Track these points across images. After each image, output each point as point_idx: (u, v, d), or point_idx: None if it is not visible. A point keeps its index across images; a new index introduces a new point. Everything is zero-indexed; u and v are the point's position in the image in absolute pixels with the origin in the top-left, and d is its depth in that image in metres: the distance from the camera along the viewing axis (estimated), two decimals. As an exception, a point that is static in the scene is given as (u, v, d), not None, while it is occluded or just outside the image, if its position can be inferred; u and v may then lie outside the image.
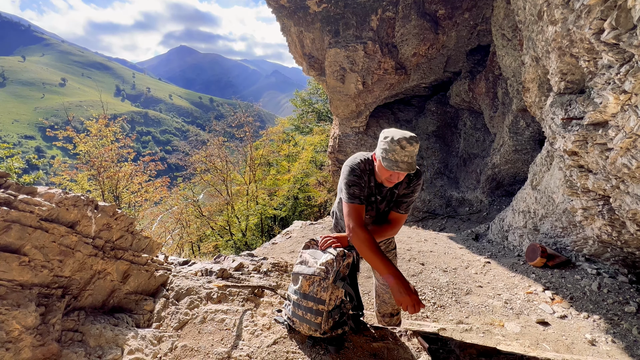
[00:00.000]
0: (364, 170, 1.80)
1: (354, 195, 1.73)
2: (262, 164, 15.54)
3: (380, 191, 1.86)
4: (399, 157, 1.57)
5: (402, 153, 1.56)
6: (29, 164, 11.03)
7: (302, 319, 1.70)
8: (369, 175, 1.81)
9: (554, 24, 2.90)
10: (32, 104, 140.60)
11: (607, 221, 3.17)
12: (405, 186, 1.85)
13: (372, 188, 1.84)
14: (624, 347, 2.64)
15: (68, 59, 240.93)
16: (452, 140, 9.28)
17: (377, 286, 2.31)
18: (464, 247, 5.14)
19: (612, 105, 2.36)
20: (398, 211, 1.88)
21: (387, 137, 1.62)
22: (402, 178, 1.71)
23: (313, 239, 1.83)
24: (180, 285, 2.05)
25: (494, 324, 3.02)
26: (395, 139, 1.57)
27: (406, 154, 1.57)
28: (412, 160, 1.59)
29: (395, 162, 1.58)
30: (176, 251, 10.37)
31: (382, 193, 1.86)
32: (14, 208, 1.31)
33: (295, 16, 8.03)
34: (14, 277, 1.29)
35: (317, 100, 18.98)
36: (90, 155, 10.18)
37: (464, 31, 7.52)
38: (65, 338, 1.44)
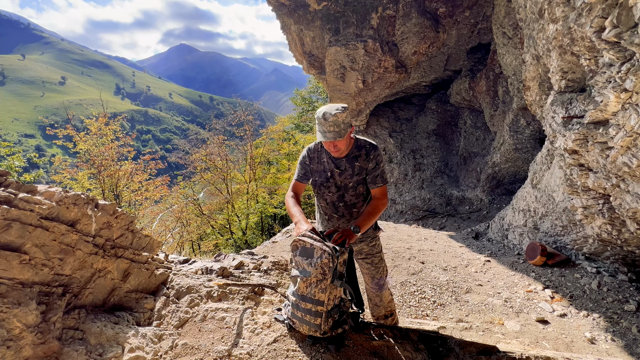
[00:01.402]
0: (313, 149, 2.05)
1: (296, 174, 2.08)
2: (262, 162, 15.53)
3: (337, 165, 1.99)
4: (325, 127, 1.77)
5: (326, 124, 1.76)
6: (29, 163, 11.04)
7: (302, 320, 1.70)
8: (320, 153, 2.03)
9: (555, 22, 2.89)
10: (32, 103, 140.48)
11: (607, 220, 3.17)
12: (364, 158, 1.97)
13: (325, 163, 2.01)
14: (624, 346, 2.65)
15: (68, 57, 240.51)
16: (452, 138, 9.28)
17: (368, 290, 2.32)
18: (464, 246, 5.14)
19: (613, 103, 2.35)
20: (376, 185, 1.99)
21: (317, 114, 1.81)
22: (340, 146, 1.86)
23: (299, 239, 1.77)
24: (181, 284, 2.06)
25: (493, 322, 3.03)
26: (321, 115, 1.77)
27: (330, 123, 1.75)
28: (338, 128, 1.76)
29: (323, 133, 1.78)
30: (176, 250, 10.38)
31: (340, 166, 1.99)
32: (14, 206, 1.31)
33: (296, 14, 8.00)
34: (14, 275, 1.29)
35: (317, 98, 18.95)
36: (91, 153, 10.17)
37: (464, 29, 7.49)
38: (66, 336, 1.45)
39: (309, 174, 2.08)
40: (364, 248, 2.16)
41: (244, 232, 12.47)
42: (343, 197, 2.03)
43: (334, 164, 1.99)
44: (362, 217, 1.86)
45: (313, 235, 1.74)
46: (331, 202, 2.06)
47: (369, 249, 2.17)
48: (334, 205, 2.06)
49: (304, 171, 2.07)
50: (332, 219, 2.11)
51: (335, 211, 2.08)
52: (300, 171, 2.07)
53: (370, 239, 2.15)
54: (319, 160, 2.03)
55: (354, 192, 2.02)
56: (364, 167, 1.97)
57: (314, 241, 1.70)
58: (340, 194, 2.03)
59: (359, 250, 2.17)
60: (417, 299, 3.42)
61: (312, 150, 2.05)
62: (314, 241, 1.70)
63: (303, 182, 2.09)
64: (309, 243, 1.71)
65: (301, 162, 2.07)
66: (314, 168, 2.05)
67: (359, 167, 1.97)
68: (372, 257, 2.18)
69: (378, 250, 2.20)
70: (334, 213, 2.09)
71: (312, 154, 2.05)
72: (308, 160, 2.06)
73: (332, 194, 2.04)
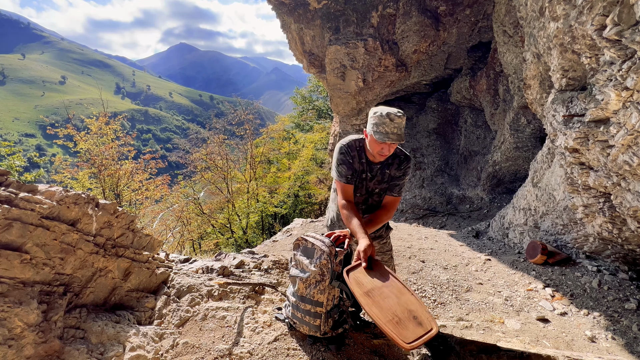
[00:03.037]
0: (353, 147, 1.91)
1: (340, 174, 1.89)
2: (263, 161, 15.53)
3: (370, 169, 1.94)
4: (389, 129, 1.69)
5: (391, 125, 1.68)
6: (30, 162, 11.03)
7: (302, 321, 1.70)
8: (359, 152, 1.92)
9: (555, 20, 2.88)
10: (32, 102, 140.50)
11: (608, 218, 3.16)
12: (396, 167, 1.94)
13: (364, 164, 1.93)
14: (624, 344, 2.65)
15: (68, 57, 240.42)
16: (452, 137, 9.26)
17: None
18: (464, 245, 5.14)
19: (614, 102, 2.35)
20: (391, 194, 1.96)
21: (376, 112, 1.74)
22: (392, 150, 1.80)
23: (302, 237, 1.79)
24: (182, 283, 2.06)
25: (494, 321, 3.03)
26: (385, 113, 1.70)
27: (395, 125, 1.69)
28: (400, 132, 1.71)
29: (386, 134, 1.69)
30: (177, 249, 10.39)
31: (372, 171, 1.94)
32: (15, 206, 1.32)
33: (296, 13, 7.99)
34: (15, 274, 1.29)
35: (317, 97, 18.92)
36: (91, 153, 10.17)
37: (465, 28, 7.47)
38: (67, 335, 1.45)
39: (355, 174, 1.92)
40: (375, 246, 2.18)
41: (244, 231, 12.48)
42: (367, 200, 2.01)
43: (368, 167, 1.93)
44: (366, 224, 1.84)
45: (315, 235, 1.75)
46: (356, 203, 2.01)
47: (379, 247, 2.19)
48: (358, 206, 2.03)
49: (351, 171, 1.89)
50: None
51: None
52: (347, 171, 1.88)
53: (381, 237, 2.17)
54: (359, 160, 1.92)
55: (378, 197, 2.01)
56: (392, 175, 1.94)
57: (315, 241, 1.71)
58: (365, 197, 2.00)
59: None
60: (418, 298, 3.42)
61: (351, 148, 1.90)
62: (315, 241, 1.71)
63: (352, 184, 1.90)
64: (310, 243, 1.72)
65: (345, 161, 1.88)
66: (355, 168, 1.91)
67: (388, 175, 1.94)
68: (382, 255, 2.20)
69: (388, 249, 2.23)
70: None
71: (353, 152, 1.90)
72: (351, 158, 1.90)
73: (360, 196, 1.99)
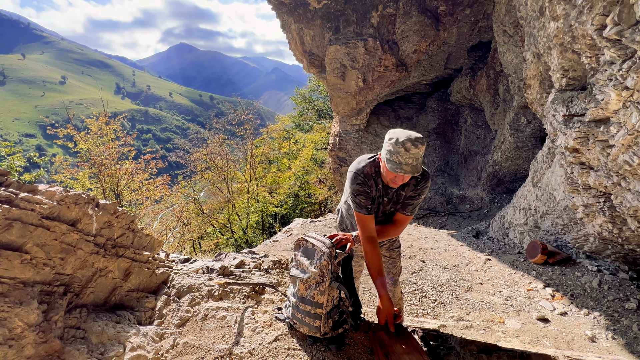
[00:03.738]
0: (369, 175, 1.78)
1: (360, 205, 1.77)
2: (263, 161, 15.54)
3: (387, 192, 1.83)
4: (403, 159, 1.54)
5: (406, 155, 1.53)
6: (30, 162, 11.04)
7: (302, 321, 1.70)
8: (376, 178, 1.79)
9: (555, 20, 2.88)
10: (33, 102, 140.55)
11: (608, 218, 3.16)
12: (412, 188, 1.82)
13: (380, 190, 1.82)
14: (624, 344, 2.65)
15: (68, 57, 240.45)
16: (452, 137, 9.26)
17: None
18: (464, 245, 5.14)
19: (614, 101, 2.35)
20: (404, 213, 1.87)
21: (391, 139, 1.58)
22: (406, 180, 1.69)
23: (303, 237, 1.79)
24: (182, 283, 2.06)
25: (494, 320, 3.03)
26: (400, 141, 1.53)
27: (410, 156, 1.53)
28: (416, 162, 1.56)
29: (399, 165, 1.55)
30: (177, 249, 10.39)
31: (388, 194, 1.84)
32: (15, 206, 1.32)
33: (296, 13, 7.99)
34: (15, 274, 1.29)
35: (317, 97, 18.92)
36: (91, 153, 10.18)
37: (465, 27, 7.47)
38: (68, 335, 1.45)
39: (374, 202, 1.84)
40: (385, 243, 2.18)
41: (244, 231, 12.48)
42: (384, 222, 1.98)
43: (384, 192, 1.84)
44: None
45: (316, 236, 1.75)
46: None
47: (389, 244, 2.20)
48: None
49: (370, 201, 1.80)
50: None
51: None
52: (366, 202, 1.78)
53: None
54: (375, 187, 1.81)
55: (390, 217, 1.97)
56: (406, 195, 1.85)
57: (316, 242, 1.71)
58: (382, 219, 1.96)
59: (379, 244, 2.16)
60: (418, 298, 3.42)
61: (367, 177, 1.78)
62: (316, 242, 1.71)
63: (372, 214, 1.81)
64: (311, 243, 1.72)
65: (362, 192, 1.77)
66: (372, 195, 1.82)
67: (403, 196, 1.86)
68: (391, 251, 2.20)
69: (397, 246, 2.24)
70: None
71: (370, 181, 1.78)
72: (368, 188, 1.79)
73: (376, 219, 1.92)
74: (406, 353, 1.59)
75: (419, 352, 1.63)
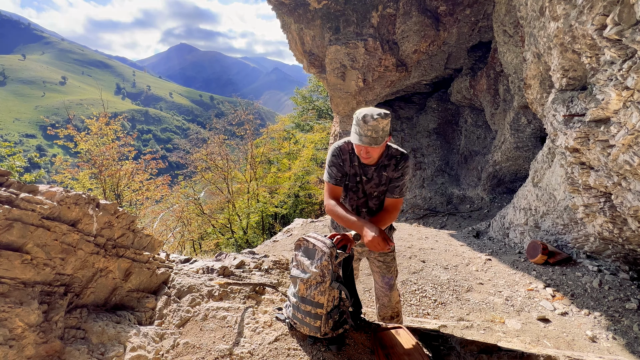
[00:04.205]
0: (344, 150, 1.89)
1: (330, 175, 1.89)
2: (263, 161, 15.53)
3: (365, 171, 1.91)
4: (363, 131, 1.66)
5: (365, 127, 1.65)
6: (30, 163, 11.05)
7: (302, 321, 1.70)
8: (351, 155, 1.90)
9: (556, 19, 2.88)
10: (33, 103, 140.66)
11: (609, 218, 3.16)
12: (393, 168, 1.90)
13: (357, 167, 1.91)
14: (625, 344, 2.65)
15: (68, 57, 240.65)
16: (453, 137, 9.26)
17: (376, 289, 2.29)
18: (464, 245, 5.14)
19: (614, 101, 2.34)
20: (392, 196, 1.92)
21: (356, 114, 1.71)
22: (373, 154, 1.77)
23: (303, 238, 1.79)
24: (182, 283, 2.06)
25: (494, 320, 3.03)
26: (361, 116, 1.67)
27: (369, 128, 1.65)
28: (376, 134, 1.66)
29: (360, 136, 1.67)
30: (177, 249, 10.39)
31: (367, 174, 1.91)
32: (15, 206, 1.32)
33: (296, 13, 7.99)
34: (16, 275, 1.29)
35: (317, 97, 18.92)
36: (92, 153, 10.19)
37: (465, 27, 7.47)
38: (68, 335, 1.45)
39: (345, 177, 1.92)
40: None
41: (244, 232, 12.48)
42: (367, 203, 2.00)
43: (362, 170, 1.91)
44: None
45: (317, 236, 1.75)
46: (356, 207, 2.02)
47: None
48: (357, 210, 2.02)
49: (340, 173, 1.89)
50: None
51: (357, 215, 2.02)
52: (336, 174, 1.88)
53: None
54: (350, 163, 1.91)
55: (377, 200, 1.99)
56: (389, 176, 1.91)
57: (316, 242, 1.70)
58: (364, 200, 1.99)
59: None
60: (418, 298, 3.42)
61: (343, 151, 1.89)
62: (316, 242, 1.70)
63: (340, 186, 1.90)
64: (311, 243, 1.71)
65: (335, 163, 1.89)
66: (346, 171, 1.92)
67: (385, 177, 1.91)
68: (384, 256, 2.16)
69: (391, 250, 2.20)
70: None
71: (344, 155, 1.90)
72: (341, 161, 1.89)
73: (359, 199, 1.98)
74: (407, 354, 1.59)
75: (420, 352, 1.63)
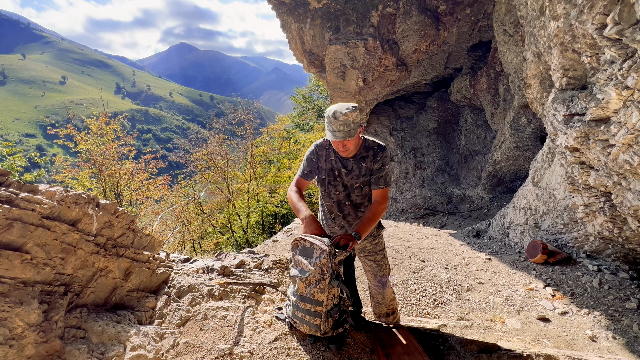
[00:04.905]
0: (321, 147, 2.00)
1: (301, 170, 2.04)
2: (263, 161, 15.53)
3: (344, 164, 1.97)
4: (335, 126, 1.74)
5: (337, 123, 1.73)
6: (30, 162, 11.05)
7: (302, 320, 1.70)
8: (328, 150, 1.99)
9: (556, 19, 2.88)
10: (33, 102, 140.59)
11: (609, 218, 3.16)
12: (371, 159, 1.95)
13: (333, 162, 1.99)
14: (625, 343, 2.65)
15: (68, 57, 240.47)
16: (453, 137, 9.26)
17: (370, 287, 2.29)
18: (464, 244, 5.14)
19: (615, 101, 2.34)
20: (377, 187, 1.96)
21: (326, 112, 1.78)
22: (349, 146, 1.84)
23: (300, 237, 1.79)
24: (182, 283, 2.06)
25: (494, 320, 3.03)
26: (331, 112, 1.74)
27: (340, 122, 1.72)
28: (348, 128, 1.73)
29: (333, 132, 1.75)
30: (177, 249, 10.39)
31: (347, 166, 1.97)
32: (15, 206, 1.32)
33: (296, 12, 7.99)
34: (16, 274, 1.29)
35: (317, 97, 18.92)
36: (92, 153, 10.18)
37: (465, 27, 7.47)
38: (68, 335, 1.45)
39: (315, 171, 2.05)
40: (367, 246, 2.14)
41: (244, 231, 12.49)
42: (349, 196, 2.03)
43: (342, 164, 1.98)
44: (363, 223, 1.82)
45: (314, 235, 1.75)
46: (337, 201, 2.05)
47: (372, 247, 2.15)
48: (339, 204, 2.05)
49: (310, 168, 2.03)
50: (338, 218, 2.09)
51: (340, 210, 2.06)
52: (305, 167, 2.03)
53: (373, 236, 2.13)
54: (326, 158, 2.00)
55: (360, 192, 2.01)
56: (370, 168, 1.96)
57: (314, 240, 1.70)
58: (346, 193, 2.02)
59: (362, 247, 2.15)
60: (418, 297, 3.42)
61: (320, 147, 2.01)
62: (314, 240, 1.70)
63: (307, 180, 2.05)
64: (309, 242, 1.71)
65: (308, 158, 2.03)
66: (321, 165, 2.02)
67: (365, 168, 1.96)
68: (375, 255, 2.16)
69: (381, 248, 2.19)
70: (339, 212, 2.07)
71: (320, 151, 2.01)
72: (315, 157, 2.02)
73: (339, 193, 2.03)
74: (407, 353, 1.59)
75: (420, 351, 1.63)
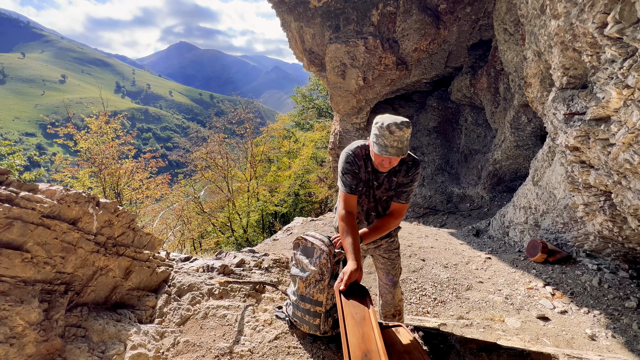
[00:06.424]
0: (359, 156, 1.84)
1: (345, 184, 1.82)
2: (263, 160, 15.54)
3: (377, 177, 1.88)
4: (388, 142, 1.60)
5: (391, 138, 1.59)
6: (30, 161, 11.05)
7: (302, 320, 1.71)
8: (366, 161, 1.85)
9: (556, 18, 2.87)
10: (33, 101, 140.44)
11: (609, 217, 3.16)
12: (403, 174, 1.87)
13: (370, 173, 1.87)
14: (624, 342, 2.65)
15: (68, 56, 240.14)
16: (453, 136, 9.25)
17: (380, 286, 2.31)
18: (464, 243, 5.14)
19: (615, 100, 2.34)
20: (399, 201, 1.90)
21: (377, 123, 1.65)
22: (394, 163, 1.73)
23: (302, 237, 1.79)
24: (182, 282, 2.06)
25: (494, 319, 3.03)
26: (385, 125, 1.60)
27: (395, 138, 1.59)
28: (402, 145, 1.61)
29: (385, 147, 1.61)
30: (178, 248, 10.40)
31: (379, 179, 1.89)
32: (15, 205, 1.32)
33: (296, 11, 7.97)
34: (16, 273, 1.29)
35: (317, 96, 18.90)
36: (91, 152, 10.18)
37: (465, 26, 7.45)
38: (69, 333, 1.45)
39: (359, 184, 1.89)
40: (383, 244, 2.16)
41: (244, 230, 12.50)
42: (376, 207, 1.99)
43: (374, 176, 1.89)
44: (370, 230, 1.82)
45: (315, 234, 1.75)
46: (366, 210, 2.01)
47: (387, 245, 2.17)
48: (367, 213, 2.01)
49: (356, 181, 1.85)
50: (362, 225, 2.05)
51: (366, 218, 2.03)
52: (351, 181, 1.82)
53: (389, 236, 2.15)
54: (365, 169, 1.87)
55: (386, 204, 1.98)
56: (399, 182, 1.89)
57: (315, 240, 1.71)
58: (374, 204, 1.98)
59: (377, 245, 2.16)
60: (418, 296, 3.42)
61: (358, 157, 1.84)
62: (315, 240, 1.71)
63: (356, 194, 1.86)
64: (310, 242, 1.72)
65: (350, 170, 1.82)
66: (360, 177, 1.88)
67: (395, 182, 1.89)
68: (389, 253, 2.18)
69: (396, 247, 2.21)
70: (365, 220, 2.04)
71: (359, 161, 1.85)
72: (357, 167, 1.84)
73: (369, 203, 1.97)
74: (407, 352, 1.59)
75: (420, 350, 1.63)
